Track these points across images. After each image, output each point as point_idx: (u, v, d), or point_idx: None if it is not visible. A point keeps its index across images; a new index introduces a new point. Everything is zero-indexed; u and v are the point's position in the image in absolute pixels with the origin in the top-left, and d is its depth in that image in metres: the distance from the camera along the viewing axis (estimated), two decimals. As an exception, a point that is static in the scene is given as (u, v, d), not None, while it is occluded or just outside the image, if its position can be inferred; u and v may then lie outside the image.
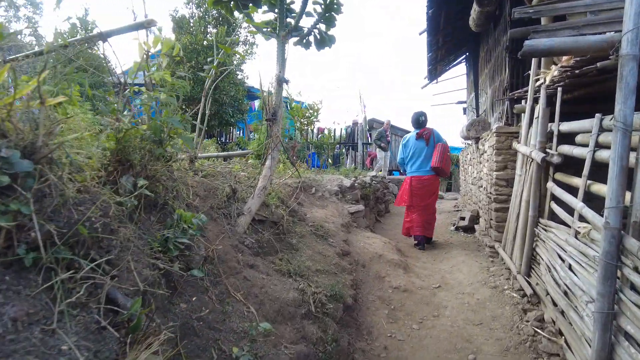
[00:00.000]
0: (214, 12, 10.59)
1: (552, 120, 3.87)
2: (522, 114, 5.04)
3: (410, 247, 6.10)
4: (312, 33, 4.10)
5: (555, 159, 3.36)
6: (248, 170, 4.64)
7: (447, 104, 13.07)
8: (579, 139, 3.10)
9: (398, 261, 4.57)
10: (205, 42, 9.82)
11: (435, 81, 12.55)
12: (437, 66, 11.50)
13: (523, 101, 5.06)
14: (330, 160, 13.23)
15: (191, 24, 10.10)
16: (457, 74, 12.51)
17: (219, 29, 10.08)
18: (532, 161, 4.07)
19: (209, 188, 3.36)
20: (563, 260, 3.08)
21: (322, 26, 4.09)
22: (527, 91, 4.95)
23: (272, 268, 3.09)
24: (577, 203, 2.80)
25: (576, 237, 2.87)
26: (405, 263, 4.71)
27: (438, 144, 5.93)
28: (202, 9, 10.48)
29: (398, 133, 17.56)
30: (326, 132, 14.73)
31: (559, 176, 3.63)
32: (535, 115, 4.40)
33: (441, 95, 26.83)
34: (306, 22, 4.34)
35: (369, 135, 13.99)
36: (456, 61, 12.03)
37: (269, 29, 4.23)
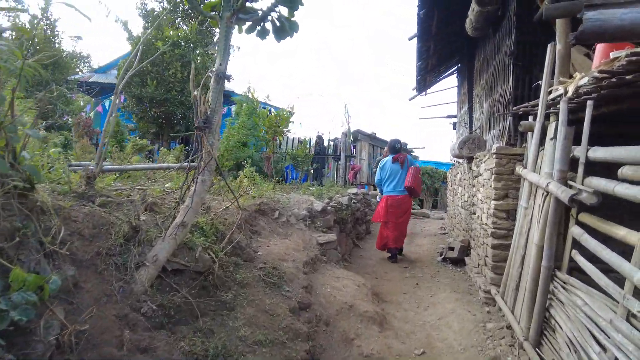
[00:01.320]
0: (186, 7, 9.61)
1: (575, 142, 2.98)
2: (529, 133, 4.16)
3: (389, 285, 5.14)
4: (270, 18, 3.15)
5: (590, 199, 2.45)
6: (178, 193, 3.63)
7: (437, 117, 12.33)
8: (627, 172, 2.19)
9: (373, 314, 3.59)
10: (172, 39, 8.80)
11: (424, 93, 11.76)
12: (426, 77, 10.70)
13: (530, 117, 4.19)
14: (311, 172, 12.29)
15: (161, 18, 9.07)
16: (448, 85, 11.76)
17: (190, 25, 9.09)
18: (546, 195, 3.16)
19: (102, 223, 2.34)
20: (602, 347, 2.15)
21: (283, 10, 3.14)
22: (536, 105, 4.07)
23: (180, 349, 2.07)
24: (635, 272, 1.88)
25: (629, 321, 1.94)
26: (381, 316, 3.73)
27: (411, 167, 6.55)
28: (171, 3, 9.50)
29: (383, 146, 16.70)
30: (319, 141, 13.80)
31: (587, 219, 2.72)
32: (549, 135, 3.51)
33: (430, 108, 26.14)
34: (263, 5, 3.42)
35: (352, 147, 13.04)
36: (447, 72, 11.27)
37: (215, 13, 3.26)
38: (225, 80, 2.85)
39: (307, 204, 5.10)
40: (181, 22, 9.57)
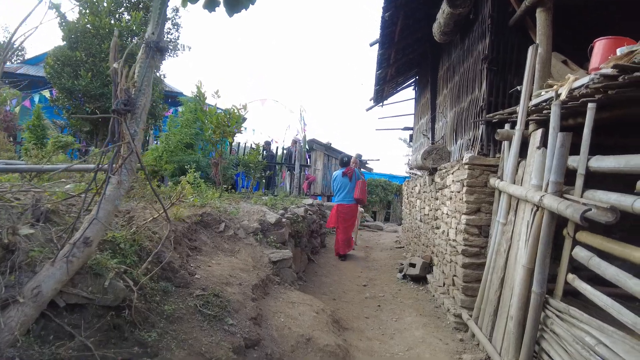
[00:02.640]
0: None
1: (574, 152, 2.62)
2: (505, 143, 3.83)
3: (349, 308, 4.59)
4: (220, -16, 2.54)
5: (605, 216, 2.05)
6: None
7: (394, 129, 12.09)
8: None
9: (334, 348, 3.00)
10: (112, 28, 7.82)
11: (381, 104, 11.55)
12: (384, 87, 10.47)
13: (507, 125, 3.87)
14: (263, 181, 11.59)
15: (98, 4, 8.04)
16: (405, 97, 11.61)
17: (133, 14, 8.18)
18: (536, 210, 2.77)
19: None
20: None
21: (237, -25, 2.55)
22: (514, 112, 3.75)
23: None
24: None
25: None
26: (344, 349, 3.15)
27: (358, 181, 7.77)
28: (112, -12, 8.51)
29: (338, 156, 16.37)
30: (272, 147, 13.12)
31: (590, 239, 2.34)
32: (534, 144, 3.16)
33: (387, 119, 26.22)
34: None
35: (307, 156, 12.54)
36: (405, 84, 11.13)
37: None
38: (160, 54, 2.20)
39: (258, 215, 4.45)
40: (125, 12, 8.60)
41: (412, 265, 5.89)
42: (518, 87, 3.81)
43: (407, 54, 8.52)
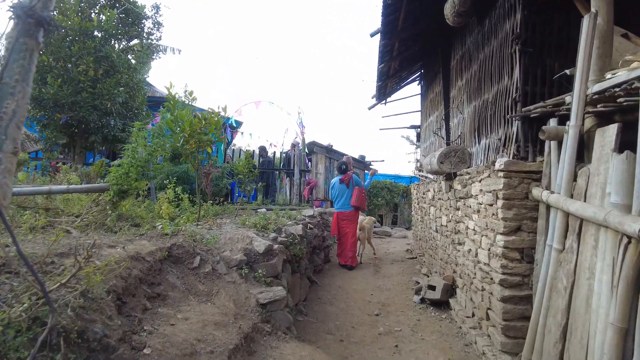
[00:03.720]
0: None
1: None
2: (552, 143, 2.99)
3: (360, 353, 3.75)
4: None
5: None
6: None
7: (399, 128, 11.44)
8: None
9: None
10: (85, 28, 7.02)
11: (384, 102, 10.72)
12: (387, 83, 9.63)
13: (551, 121, 3.03)
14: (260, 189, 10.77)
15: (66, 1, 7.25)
16: (410, 93, 10.78)
17: (106, 12, 7.38)
18: (627, 242, 1.93)
19: None
20: None
21: None
22: (561, 104, 2.92)
23: None
24: None
25: None
26: None
27: (355, 187, 7.60)
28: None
29: (339, 158, 15.56)
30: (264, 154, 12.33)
31: None
32: (606, 145, 2.32)
33: (391, 118, 25.32)
34: None
35: (307, 161, 11.72)
36: (410, 79, 10.29)
37: None
38: (39, 29, 1.37)
39: (244, 242, 3.62)
40: (100, 13, 7.82)
41: (432, 287, 5.04)
42: (567, 71, 2.96)
43: (412, 45, 7.68)
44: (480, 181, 3.82)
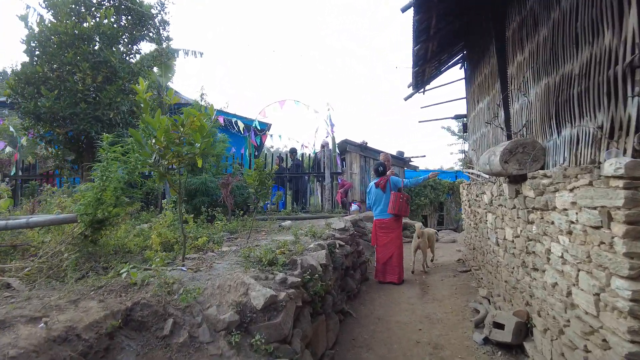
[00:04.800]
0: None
1: None
2: None
3: None
4: None
5: None
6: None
7: (441, 119, 9.92)
8: None
9: None
10: (80, 32, 6.33)
11: (421, 90, 9.45)
12: (425, 68, 8.37)
13: None
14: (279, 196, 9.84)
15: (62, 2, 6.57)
16: (451, 78, 9.45)
17: (103, 11, 6.66)
18: None
19: None
20: None
21: None
22: None
23: None
24: None
25: None
26: None
27: (392, 193, 6.52)
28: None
29: (376, 157, 14.38)
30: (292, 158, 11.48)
31: None
32: None
33: (431, 108, 23.65)
34: None
35: (339, 161, 10.64)
36: (451, 61, 8.98)
37: None
38: None
39: (237, 292, 2.63)
40: (96, 14, 7.12)
41: (499, 325, 3.86)
42: None
43: (452, 21, 6.45)
44: (571, 190, 2.62)
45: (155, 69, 14.43)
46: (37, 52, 6.09)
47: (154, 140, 2.87)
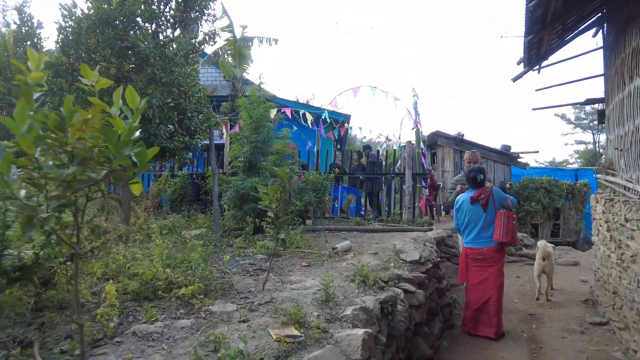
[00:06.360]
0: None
1: None
2: None
3: None
4: None
5: None
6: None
7: (563, 105, 7.65)
8: None
9: None
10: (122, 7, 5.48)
11: (536, 68, 7.13)
12: (543, 35, 6.12)
13: None
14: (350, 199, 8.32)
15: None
16: (575, 51, 6.99)
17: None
18: None
19: None
20: None
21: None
22: None
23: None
24: None
25: None
26: None
27: (500, 212, 4.59)
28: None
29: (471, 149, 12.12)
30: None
31: None
32: None
33: (550, 91, 19.79)
34: None
35: (423, 158, 8.78)
36: (582, 25, 6.57)
37: None
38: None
39: None
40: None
41: None
42: None
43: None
44: None
45: (230, 60, 13.94)
46: (66, 40, 5.40)
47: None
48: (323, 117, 9.23)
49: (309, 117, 9.06)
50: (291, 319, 2.35)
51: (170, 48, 5.77)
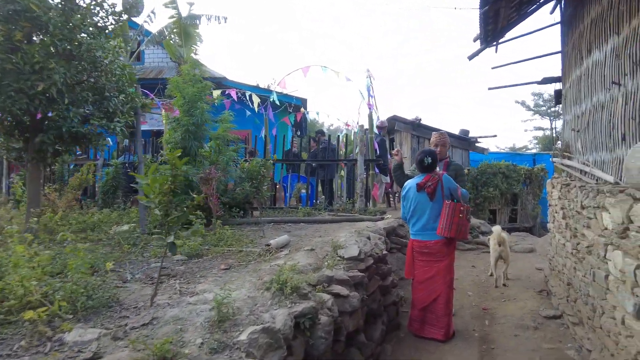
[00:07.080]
0: None
1: None
2: None
3: None
4: None
5: None
6: None
7: (520, 84, 7.02)
8: None
9: None
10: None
11: (493, 44, 6.69)
12: (499, 8, 5.66)
13: None
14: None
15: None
16: (532, 26, 6.59)
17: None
18: None
19: None
20: None
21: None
22: None
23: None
24: None
25: None
26: None
27: (446, 202, 4.01)
28: None
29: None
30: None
31: None
32: None
33: (506, 69, 19.63)
34: None
35: (376, 144, 8.26)
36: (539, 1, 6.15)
37: None
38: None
39: None
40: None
41: None
42: None
43: None
44: None
45: (176, 39, 12.88)
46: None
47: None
48: (271, 100, 8.51)
49: (256, 100, 8.33)
50: (154, 356, 1.73)
51: (78, 15, 4.89)
